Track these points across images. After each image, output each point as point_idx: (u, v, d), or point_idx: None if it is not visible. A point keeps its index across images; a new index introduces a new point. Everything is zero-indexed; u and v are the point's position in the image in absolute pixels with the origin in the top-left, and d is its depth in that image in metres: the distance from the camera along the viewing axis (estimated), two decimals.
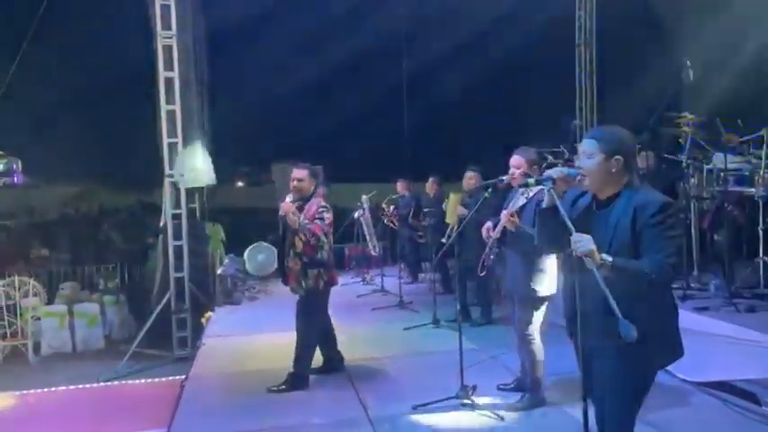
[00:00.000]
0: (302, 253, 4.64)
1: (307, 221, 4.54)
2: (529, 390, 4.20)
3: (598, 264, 2.27)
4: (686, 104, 6.93)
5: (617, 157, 2.49)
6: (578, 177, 2.53)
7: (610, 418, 2.60)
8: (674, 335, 2.57)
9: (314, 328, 4.81)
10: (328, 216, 4.66)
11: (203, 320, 7.30)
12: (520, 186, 2.95)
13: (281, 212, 4.60)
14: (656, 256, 2.36)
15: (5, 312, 7.63)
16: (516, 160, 4.20)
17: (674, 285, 2.80)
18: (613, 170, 2.50)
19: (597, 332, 2.50)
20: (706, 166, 6.05)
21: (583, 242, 2.28)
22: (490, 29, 13.35)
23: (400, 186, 9.42)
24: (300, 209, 4.68)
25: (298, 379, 4.75)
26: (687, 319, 2.71)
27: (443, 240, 6.11)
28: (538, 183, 2.56)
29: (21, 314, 7.70)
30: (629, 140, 2.57)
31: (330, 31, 13.62)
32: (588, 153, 2.53)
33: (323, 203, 4.72)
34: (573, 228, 2.33)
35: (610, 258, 2.31)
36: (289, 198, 4.71)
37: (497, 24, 12.87)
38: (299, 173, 4.77)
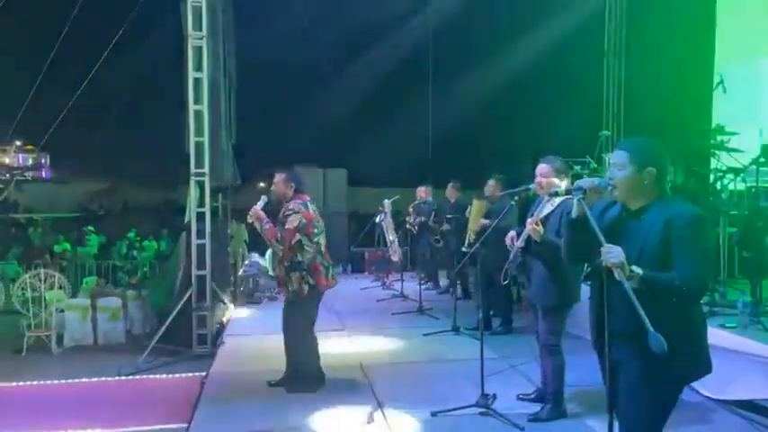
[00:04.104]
0: (283, 258, 4.53)
1: (267, 227, 4.50)
2: (550, 401, 4.16)
3: (628, 275, 2.24)
4: (718, 117, 6.84)
5: (649, 169, 2.46)
6: (609, 188, 2.51)
7: None
8: (702, 349, 2.53)
9: (300, 331, 4.64)
10: (291, 220, 4.46)
11: (224, 319, 7.35)
12: (549, 195, 2.92)
13: (248, 218, 4.58)
14: (687, 269, 2.32)
15: (31, 303, 7.77)
16: (543, 169, 4.18)
17: (702, 301, 2.77)
18: (645, 182, 2.47)
19: (624, 344, 2.47)
20: (737, 181, 5.94)
21: (613, 253, 2.26)
22: (517, 37, 13.33)
23: (424, 192, 9.37)
24: (278, 211, 4.63)
25: (304, 381, 4.61)
26: (713, 335, 2.66)
27: (464, 248, 6.07)
28: (568, 192, 2.54)
29: (45, 306, 7.84)
30: (662, 152, 2.54)
31: (357, 36, 13.71)
32: (620, 164, 2.51)
33: (291, 206, 4.54)
34: (603, 239, 2.30)
35: (640, 270, 2.28)
36: (261, 202, 4.61)
37: (524, 33, 12.84)
38: (276, 177, 4.70)
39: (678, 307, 2.40)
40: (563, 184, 4.00)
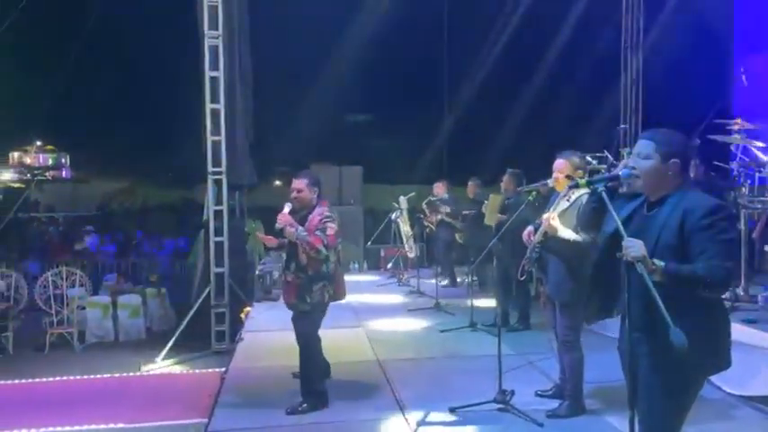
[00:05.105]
0: (307, 266, 4.29)
1: (305, 233, 4.20)
2: (568, 397, 4.13)
3: (650, 269, 2.22)
4: (738, 111, 6.74)
5: (674, 160, 2.45)
6: (631, 178, 2.49)
7: (654, 429, 2.54)
8: (722, 344, 2.49)
9: (317, 339, 4.53)
10: (332, 226, 4.26)
11: (242, 315, 7.41)
12: (570, 188, 2.89)
13: (277, 225, 4.23)
14: (710, 260, 2.29)
15: (53, 301, 7.90)
16: (560, 164, 4.16)
17: (723, 296, 2.75)
18: (670, 173, 2.45)
19: (644, 339, 2.45)
20: (758, 175, 5.87)
21: (635, 247, 2.23)
22: (532, 31, 13.24)
23: (440, 187, 9.35)
24: (304, 219, 4.33)
25: (317, 396, 4.40)
26: (734, 330, 2.63)
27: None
28: (589, 184, 2.52)
29: (67, 304, 7.97)
30: (687, 144, 2.53)
31: (372, 33, 13.68)
32: (644, 154, 2.48)
33: (327, 213, 4.33)
34: (624, 232, 2.28)
35: (662, 263, 2.25)
36: (287, 208, 4.32)
37: (540, 26, 12.74)
38: (298, 183, 4.38)
39: (698, 301, 2.37)
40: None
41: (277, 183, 20.55)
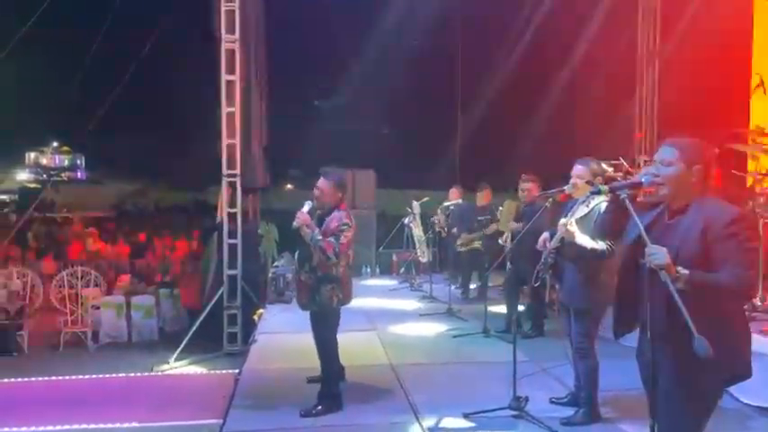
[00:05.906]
0: (318, 267, 4.32)
1: (320, 237, 4.22)
2: (583, 404, 4.11)
3: (674, 277, 2.21)
4: (756, 118, 6.69)
5: (697, 167, 2.44)
6: (651, 185, 2.48)
7: None
8: (742, 353, 2.48)
9: (334, 343, 4.57)
10: (347, 235, 4.26)
11: (255, 317, 7.44)
12: (592, 193, 2.90)
13: (295, 223, 4.26)
14: (734, 268, 2.28)
15: (68, 301, 7.97)
16: (579, 170, 4.15)
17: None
18: (693, 180, 2.45)
19: (663, 346, 2.43)
20: None
21: (659, 255, 2.23)
22: (547, 38, 13.22)
23: (455, 193, 9.31)
24: (321, 220, 4.36)
25: (331, 399, 4.44)
26: (752, 340, 2.61)
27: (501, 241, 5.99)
28: (611, 191, 2.51)
29: (81, 303, 8.04)
30: (708, 152, 2.52)
31: (386, 37, 13.74)
32: (668, 161, 2.48)
33: (345, 220, 4.30)
34: (648, 239, 2.28)
35: (686, 271, 2.25)
36: (307, 207, 4.33)
37: (556, 33, 12.72)
38: (323, 183, 4.38)
39: (720, 309, 2.36)
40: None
41: (289, 186, 20.66)
